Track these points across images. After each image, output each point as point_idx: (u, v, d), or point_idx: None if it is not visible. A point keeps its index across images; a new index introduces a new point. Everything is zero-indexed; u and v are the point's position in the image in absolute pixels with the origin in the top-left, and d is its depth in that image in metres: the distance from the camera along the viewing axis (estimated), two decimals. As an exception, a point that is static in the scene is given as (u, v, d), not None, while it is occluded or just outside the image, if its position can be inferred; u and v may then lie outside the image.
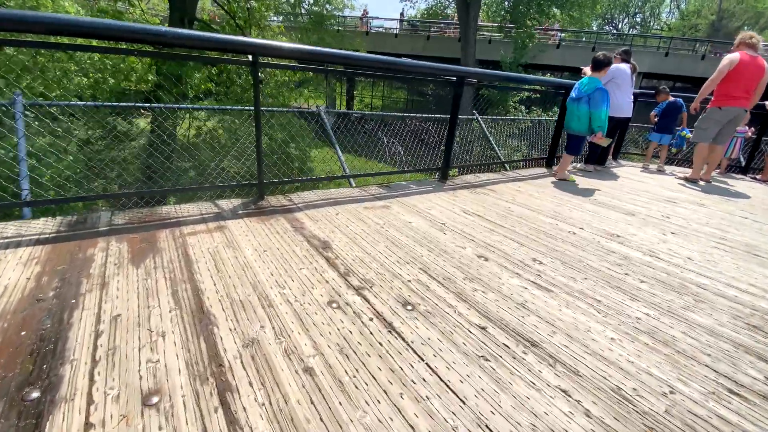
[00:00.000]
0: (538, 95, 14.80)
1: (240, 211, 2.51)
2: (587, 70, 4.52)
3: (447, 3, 31.27)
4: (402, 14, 28.14)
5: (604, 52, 4.00)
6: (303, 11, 11.63)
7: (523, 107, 14.02)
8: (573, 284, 1.87)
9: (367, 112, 4.78)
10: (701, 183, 4.74)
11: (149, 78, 7.83)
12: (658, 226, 2.88)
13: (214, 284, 1.64)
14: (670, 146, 5.60)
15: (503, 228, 2.57)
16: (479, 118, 5.33)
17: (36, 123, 4.07)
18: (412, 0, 32.31)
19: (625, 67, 4.79)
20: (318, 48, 2.56)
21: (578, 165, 4.93)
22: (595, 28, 34.72)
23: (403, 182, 3.53)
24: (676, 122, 5.36)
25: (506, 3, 21.74)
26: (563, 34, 22.47)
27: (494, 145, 5.26)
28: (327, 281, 1.72)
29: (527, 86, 6.17)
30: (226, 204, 2.61)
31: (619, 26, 45.63)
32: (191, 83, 9.17)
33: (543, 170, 4.63)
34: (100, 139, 5.43)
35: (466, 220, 2.65)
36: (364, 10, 28.22)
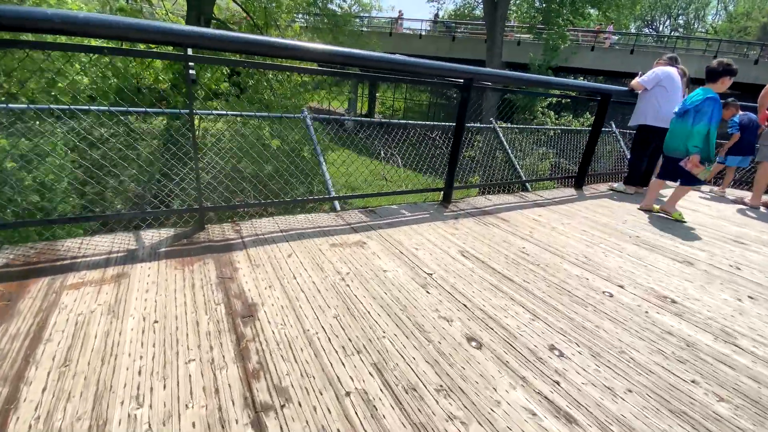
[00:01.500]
0: (568, 100, 13.78)
1: (162, 249, 1.93)
2: (636, 83, 3.78)
3: (476, 4, 30.37)
4: (437, 15, 27.43)
5: (720, 59, 3.18)
6: (317, 10, 11.15)
7: (552, 113, 13.08)
8: (610, 404, 1.19)
9: (364, 119, 4.17)
10: (763, 210, 3.89)
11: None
12: (728, 284, 2.12)
13: (44, 389, 1.06)
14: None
15: (511, 283, 1.89)
16: (497, 128, 4.60)
17: None
18: (439, 1, 31.45)
19: (673, 71, 3.97)
20: (270, 39, 1.97)
21: (614, 185, 4.14)
22: (633, 30, 32.88)
23: (394, 206, 2.89)
24: (756, 140, 4.42)
25: (537, 2, 20.69)
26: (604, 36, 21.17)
27: (513, 159, 4.50)
28: (217, 390, 1.11)
29: (556, 90, 5.41)
30: (150, 237, 2.05)
31: (660, 28, 43.29)
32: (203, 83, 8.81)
33: (571, 192, 3.88)
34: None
35: (462, 269, 1.99)
36: (400, 12, 27.82)
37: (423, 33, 23.68)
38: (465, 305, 1.66)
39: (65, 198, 3.82)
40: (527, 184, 4.15)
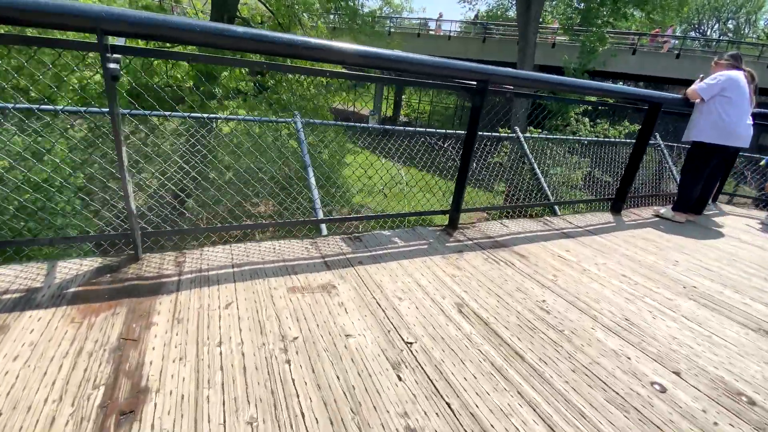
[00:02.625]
0: (605, 107, 12.82)
1: (71, 288, 1.52)
2: (693, 92, 3.16)
3: (510, 4, 29.37)
4: (476, 16, 26.60)
5: None
6: (335, 8, 10.76)
7: (587, 120, 12.22)
8: None
9: (361, 125, 3.70)
10: None
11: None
12: (835, 375, 1.51)
13: None
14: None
15: (522, 363, 1.36)
16: (521, 137, 4.00)
17: None
18: (471, 2, 30.63)
19: (739, 75, 3.27)
20: (211, 24, 1.53)
21: (661, 211, 3.48)
22: (679, 34, 30.94)
23: (386, 232, 2.40)
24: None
25: (575, 1, 19.63)
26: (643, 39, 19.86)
27: (539, 175, 3.86)
28: None
29: (593, 98, 4.77)
30: (67, 269, 1.65)
31: (708, 33, 40.70)
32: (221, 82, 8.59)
33: (607, 219, 3.26)
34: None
35: (456, 335, 1.48)
36: (440, 14, 27.41)
37: (452, 34, 23.01)
38: (449, 405, 1.15)
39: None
40: (555, 207, 3.55)
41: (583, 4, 19.78)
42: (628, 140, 5.04)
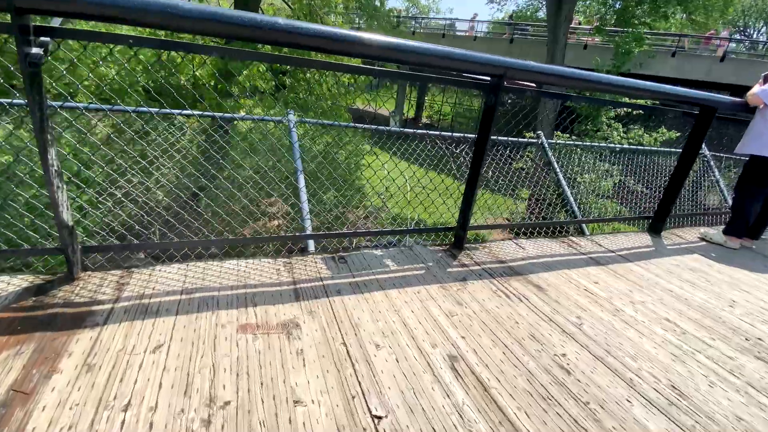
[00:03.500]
0: (639, 111, 12.03)
1: (-29, 318, 1.26)
2: (754, 97, 2.70)
3: (540, 5, 28.48)
4: (511, 17, 25.86)
5: None
6: (356, 6, 10.46)
7: (619, 125, 11.51)
8: None
9: (358, 125, 3.32)
10: None
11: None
12: None
13: None
14: None
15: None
16: (546, 143, 3.55)
17: None
18: (499, 2, 29.86)
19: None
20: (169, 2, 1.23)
21: (710, 233, 2.98)
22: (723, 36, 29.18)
23: (377, 251, 2.05)
24: None
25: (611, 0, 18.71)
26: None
27: (564, 187, 3.39)
28: None
29: (634, 97, 4.28)
30: (-19, 290, 1.39)
31: (754, 35, 38.31)
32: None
33: (645, 241, 2.80)
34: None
35: (442, 407, 1.12)
36: (474, 14, 26.91)
37: (478, 35, 22.42)
38: None
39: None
40: (583, 225, 3.09)
41: (619, 4, 18.86)
42: (671, 149, 4.50)
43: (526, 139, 3.65)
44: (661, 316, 1.76)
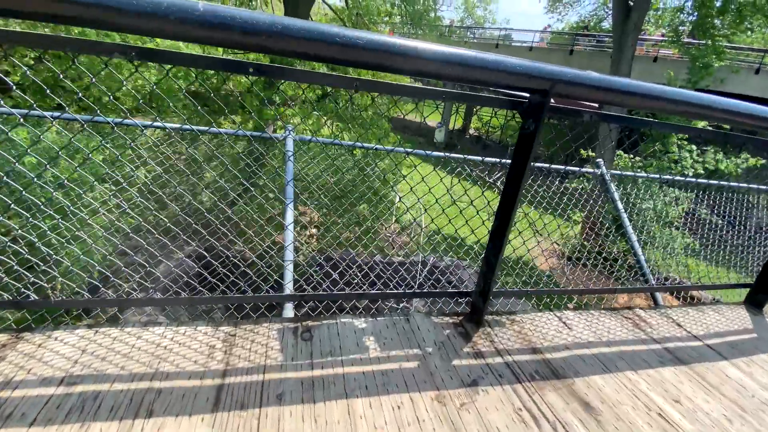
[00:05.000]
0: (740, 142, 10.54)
1: None
2: None
3: (605, 15, 26.69)
4: (586, 28, 24.38)
5: None
6: (402, 13, 10.03)
7: (693, 147, 10.16)
8: None
9: (375, 146, 2.77)
10: None
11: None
12: None
13: None
14: None
15: None
16: (606, 175, 2.78)
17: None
18: (560, 12, 28.28)
19: None
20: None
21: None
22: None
23: (360, 321, 1.52)
24: None
25: (688, 7, 16.94)
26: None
27: (632, 235, 2.60)
28: None
29: (730, 122, 3.44)
30: None
31: None
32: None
33: (742, 321, 2.04)
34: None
35: None
36: (546, 26, 25.90)
37: (532, 46, 21.28)
38: None
39: None
40: (657, 295, 2.33)
41: (696, 13, 17.05)
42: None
43: (581, 169, 2.94)
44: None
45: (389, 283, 3.49)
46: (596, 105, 1.40)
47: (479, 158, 2.53)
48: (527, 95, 1.29)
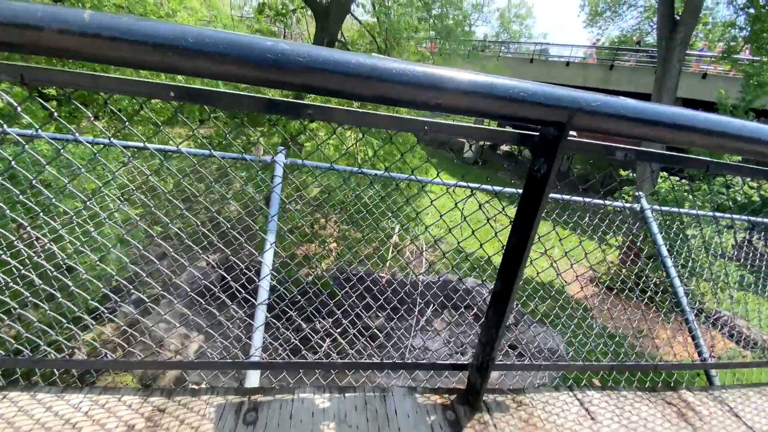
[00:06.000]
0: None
1: None
2: None
3: (649, 29, 25.53)
4: (638, 43, 23.29)
5: None
6: (430, 28, 9.81)
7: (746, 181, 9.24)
8: None
9: (350, 168, 2.40)
10: None
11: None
12: None
13: None
14: None
15: None
16: (648, 211, 2.33)
17: None
18: (599, 26, 27.28)
19: None
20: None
21: None
22: None
23: (323, 398, 1.24)
24: None
25: (742, 20, 15.80)
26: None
27: (680, 289, 2.10)
28: None
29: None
30: None
31: None
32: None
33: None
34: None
35: None
36: (597, 40, 25.10)
37: (569, 61, 20.53)
38: None
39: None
40: (712, 373, 1.89)
41: (750, 28, 15.88)
42: None
43: (616, 203, 2.50)
44: None
45: (369, 345, 3.16)
46: (627, 140, 1.07)
47: (490, 188, 2.20)
48: (537, 126, 0.99)
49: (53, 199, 1.32)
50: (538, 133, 1.01)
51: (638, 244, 3.50)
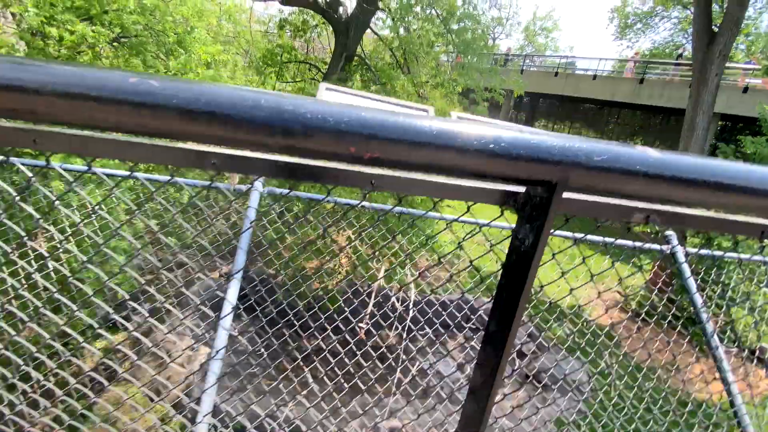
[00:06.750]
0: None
1: None
2: None
3: (685, 40, 24.49)
4: (680, 56, 22.39)
5: None
6: (448, 42, 9.58)
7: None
8: None
9: (336, 200, 2.08)
10: None
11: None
12: None
13: None
14: None
15: None
16: (680, 254, 1.94)
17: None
18: (629, 39, 26.40)
19: None
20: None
21: None
22: None
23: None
24: None
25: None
26: None
27: (724, 363, 1.68)
28: None
29: None
30: None
31: None
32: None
33: None
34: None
35: None
36: (635, 53, 24.17)
37: (596, 74, 19.85)
38: None
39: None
40: None
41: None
42: None
43: (642, 244, 2.13)
44: None
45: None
46: (656, 216, 0.78)
47: (485, 222, 1.90)
48: (521, 188, 0.73)
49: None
50: (521, 192, 0.75)
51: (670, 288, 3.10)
